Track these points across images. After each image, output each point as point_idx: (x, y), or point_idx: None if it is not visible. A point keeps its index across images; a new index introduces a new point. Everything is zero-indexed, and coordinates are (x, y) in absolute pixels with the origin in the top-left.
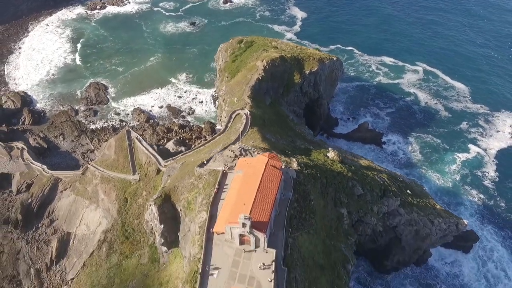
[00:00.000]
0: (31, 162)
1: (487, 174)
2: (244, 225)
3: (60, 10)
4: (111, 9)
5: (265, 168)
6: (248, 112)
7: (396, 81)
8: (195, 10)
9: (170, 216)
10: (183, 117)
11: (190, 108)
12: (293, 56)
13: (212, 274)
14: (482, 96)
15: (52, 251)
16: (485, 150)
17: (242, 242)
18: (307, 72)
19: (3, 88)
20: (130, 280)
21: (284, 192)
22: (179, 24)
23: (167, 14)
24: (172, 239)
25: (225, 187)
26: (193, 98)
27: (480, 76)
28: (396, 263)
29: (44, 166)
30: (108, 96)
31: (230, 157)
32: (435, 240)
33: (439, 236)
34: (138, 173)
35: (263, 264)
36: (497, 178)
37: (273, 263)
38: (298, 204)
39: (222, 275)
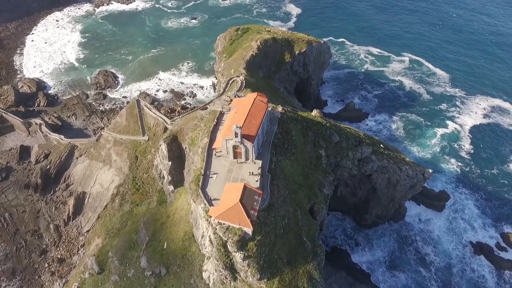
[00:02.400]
0: (49, 133)
1: (463, 146)
2: (236, 134)
3: (69, 7)
4: (117, 7)
5: (253, 101)
6: (243, 79)
7: (383, 68)
8: (196, 8)
9: (177, 155)
10: (185, 100)
11: (192, 92)
12: (284, 38)
13: (211, 177)
14: (460, 82)
15: (69, 209)
16: (461, 126)
17: (235, 156)
18: (297, 52)
19: (19, 76)
20: (141, 220)
21: (270, 126)
22: (182, 19)
23: (169, 11)
24: (177, 179)
25: (222, 121)
26: (195, 84)
27: (459, 63)
28: (375, 217)
29: (62, 136)
30: (116, 82)
31: (227, 101)
32: (405, 188)
33: (409, 185)
34: (147, 134)
35: (252, 172)
36: (472, 150)
37: (260, 170)
38: (281, 136)
39: (220, 178)
